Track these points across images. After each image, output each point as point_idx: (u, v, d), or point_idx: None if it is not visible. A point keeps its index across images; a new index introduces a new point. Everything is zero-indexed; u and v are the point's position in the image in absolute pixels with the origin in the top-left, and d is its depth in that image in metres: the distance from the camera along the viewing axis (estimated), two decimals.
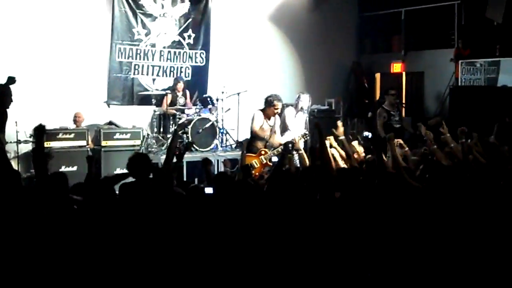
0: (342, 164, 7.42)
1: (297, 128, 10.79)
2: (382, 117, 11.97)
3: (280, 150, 9.20)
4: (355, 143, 8.06)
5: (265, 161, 9.59)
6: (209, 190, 5.48)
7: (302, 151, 8.21)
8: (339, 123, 8.39)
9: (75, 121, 11.99)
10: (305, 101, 11.09)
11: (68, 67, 12.44)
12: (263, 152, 9.74)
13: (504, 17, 13.64)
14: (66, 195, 5.31)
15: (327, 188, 5.35)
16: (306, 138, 9.96)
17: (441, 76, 15.00)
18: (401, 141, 7.94)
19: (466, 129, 7.07)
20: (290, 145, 7.78)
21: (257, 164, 9.57)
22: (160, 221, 4.90)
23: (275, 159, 8.35)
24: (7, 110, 10.90)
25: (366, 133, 7.28)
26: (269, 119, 10.20)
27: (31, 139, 11.36)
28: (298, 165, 8.01)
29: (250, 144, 9.81)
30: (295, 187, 5.55)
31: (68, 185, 5.48)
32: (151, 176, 5.88)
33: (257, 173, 9.12)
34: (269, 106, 10.18)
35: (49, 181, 5.35)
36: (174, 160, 6.76)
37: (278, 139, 10.20)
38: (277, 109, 10.15)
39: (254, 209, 5.11)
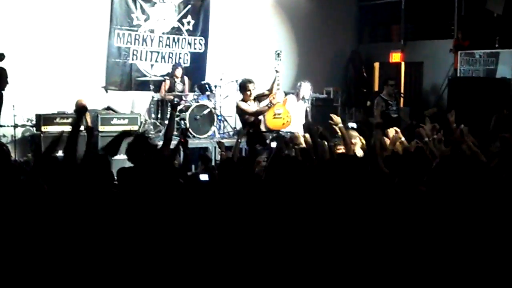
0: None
1: (297, 116, 10.80)
2: (379, 106, 11.97)
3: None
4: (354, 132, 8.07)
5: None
6: (204, 177, 5.44)
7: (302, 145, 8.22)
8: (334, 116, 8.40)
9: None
10: (306, 89, 11.08)
11: (66, 52, 12.42)
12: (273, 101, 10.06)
13: (504, 8, 13.61)
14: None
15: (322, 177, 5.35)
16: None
17: (440, 66, 14.98)
18: (397, 128, 7.95)
19: (438, 126, 7.16)
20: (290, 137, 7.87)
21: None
22: (160, 210, 4.87)
23: (273, 144, 8.35)
24: (3, 93, 10.93)
25: (351, 124, 7.29)
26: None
27: (28, 123, 11.37)
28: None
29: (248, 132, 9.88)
30: (296, 173, 5.50)
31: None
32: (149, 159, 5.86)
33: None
34: (244, 91, 10.33)
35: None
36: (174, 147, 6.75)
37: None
38: (250, 90, 10.29)
39: (255, 199, 5.07)
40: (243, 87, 10.40)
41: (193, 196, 5.20)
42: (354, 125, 7.24)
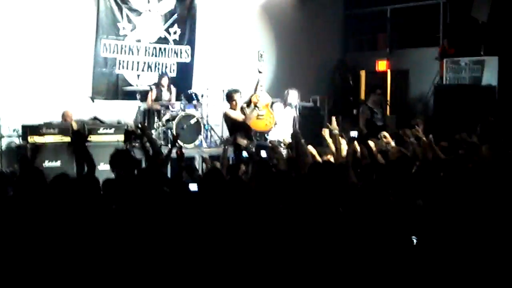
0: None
1: (285, 123, 10.85)
2: (365, 114, 12.05)
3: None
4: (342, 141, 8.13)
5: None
6: (193, 187, 5.42)
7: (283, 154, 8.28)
8: (333, 118, 8.43)
9: (65, 121, 11.79)
10: (294, 97, 11.16)
11: (52, 62, 12.36)
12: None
13: (489, 15, 13.69)
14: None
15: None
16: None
17: (426, 74, 15.03)
18: (385, 133, 8.05)
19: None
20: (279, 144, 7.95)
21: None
22: (147, 220, 4.86)
23: (263, 153, 8.38)
24: None
25: (352, 133, 7.34)
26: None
27: (14, 134, 11.31)
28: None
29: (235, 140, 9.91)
30: (285, 185, 5.51)
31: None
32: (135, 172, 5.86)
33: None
34: (230, 101, 10.42)
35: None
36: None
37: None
38: (235, 100, 10.38)
39: (243, 209, 5.06)
40: (229, 96, 10.49)
41: (181, 205, 5.20)
42: (356, 134, 7.31)
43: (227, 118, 10.78)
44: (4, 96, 11.45)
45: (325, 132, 8.01)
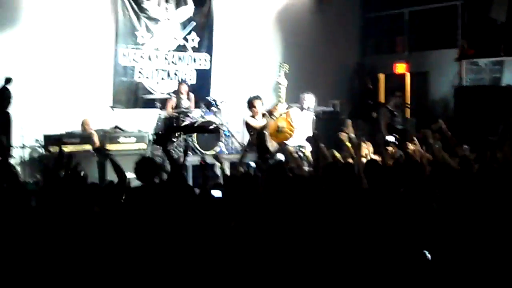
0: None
1: (303, 127, 10.82)
2: (385, 117, 12.03)
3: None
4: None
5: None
6: (217, 193, 5.45)
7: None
8: (349, 122, 8.44)
9: (84, 129, 11.88)
10: (310, 100, 11.12)
11: (73, 72, 12.46)
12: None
13: (507, 16, 13.62)
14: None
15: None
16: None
17: (445, 76, 14.96)
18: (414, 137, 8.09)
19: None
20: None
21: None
22: (171, 226, 4.88)
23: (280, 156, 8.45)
24: (10, 112, 10.99)
25: (388, 137, 7.42)
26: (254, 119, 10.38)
27: (36, 144, 11.40)
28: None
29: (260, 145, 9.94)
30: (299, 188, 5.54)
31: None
32: (157, 180, 5.90)
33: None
34: (251, 108, 10.39)
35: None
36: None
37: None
38: (255, 107, 10.32)
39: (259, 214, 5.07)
40: (250, 103, 10.45)
41: (203, 212, 5.22)
42: (393, 139, 7.37)
43: (247, 126, 10.80)
44: (26, 107, 11.55)
45: (344, 137, 8.03)
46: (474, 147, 7.87)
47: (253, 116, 10.55)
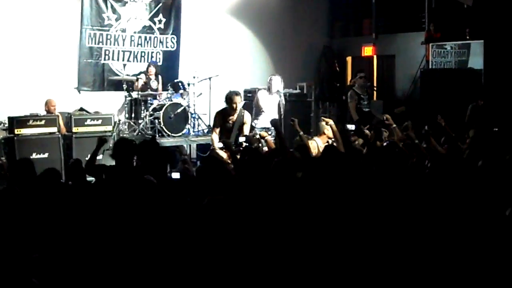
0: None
1: (271, 109, 10.77)
2: (353, 99, 12.06)
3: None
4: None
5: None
6: (176, 175, 5.54)
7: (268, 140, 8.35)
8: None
9: (48, 110, 11.70)
10: (277, 82, 11.01)
11: (37, 54, 12.33)
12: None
13: (474, 0, 13.70)
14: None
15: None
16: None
17: (412, 59, 15.05)
18: (387, 115, 8.13)
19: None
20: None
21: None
22: (140, 210, 4.85)
23: (241, 139, 8.38)
24: None
25: (350, 126, 7.49)
26: (231, 115, 9.85)
27: (0, 126, 11.23)
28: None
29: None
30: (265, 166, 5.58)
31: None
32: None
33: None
34: (230, 104, 9.86)
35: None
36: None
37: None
38: (236, 103, 9.73)
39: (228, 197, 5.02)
40: (229, 99, 9.86)
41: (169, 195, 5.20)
42: (352, 127, 7.49)
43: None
44: None
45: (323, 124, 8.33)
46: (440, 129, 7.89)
47: (229, 113, 9.95)
